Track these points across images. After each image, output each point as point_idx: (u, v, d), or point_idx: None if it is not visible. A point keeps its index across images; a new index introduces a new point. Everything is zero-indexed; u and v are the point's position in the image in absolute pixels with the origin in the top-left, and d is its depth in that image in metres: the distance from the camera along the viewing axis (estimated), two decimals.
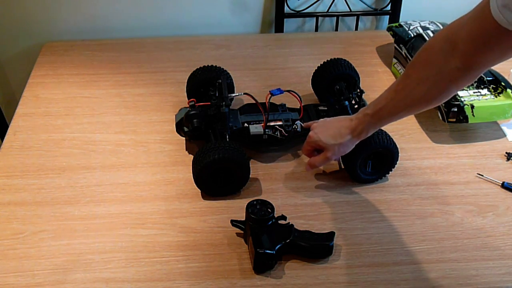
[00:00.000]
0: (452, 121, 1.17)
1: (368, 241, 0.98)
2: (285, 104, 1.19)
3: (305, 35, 1.66)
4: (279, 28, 1.65)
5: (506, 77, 1.24)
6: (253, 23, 1.66)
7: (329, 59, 1.26)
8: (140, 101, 1.32)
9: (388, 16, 1.68)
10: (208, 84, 1.21)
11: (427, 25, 1.40)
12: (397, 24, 1.45)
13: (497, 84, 1.22)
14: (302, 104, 1.16)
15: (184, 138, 1.19)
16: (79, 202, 1.05)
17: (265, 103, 1.11)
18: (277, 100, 1.18)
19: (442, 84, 0.84)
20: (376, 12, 1.67)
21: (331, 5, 1.64)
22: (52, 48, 1.52)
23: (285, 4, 1.60)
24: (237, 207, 1.04)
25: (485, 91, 1.21)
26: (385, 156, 1.08)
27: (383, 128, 1.09)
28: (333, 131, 1.01)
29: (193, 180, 1.05)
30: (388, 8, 1.66)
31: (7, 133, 1.21)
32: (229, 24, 1.64)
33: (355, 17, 1.67)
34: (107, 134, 1.21)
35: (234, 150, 1.02)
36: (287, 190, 1.09)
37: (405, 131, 1.24)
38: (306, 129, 1.15)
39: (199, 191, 1.07)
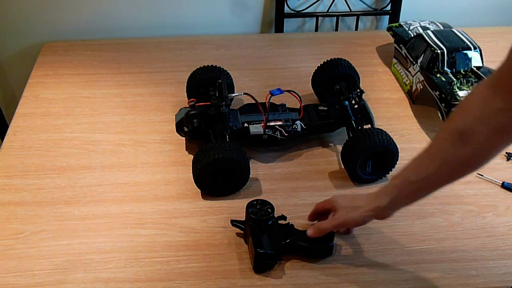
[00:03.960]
0: None
1: (368, 241, 0.98)
2: (285, 104, 1.19)
3: (305, 35, 1.66)
4: (279, 28, 1.65)
5: None
6: (253, 23, 1.66)
7: (329, 59, 1.26)
8: (140, 101, 1.32)
9: (388, 16, 1.68)
10: (208, 84, 1.21)
11: (427, 25, 1.40)
12: (397, 24, 1.45)
13: None
14: (302, 104, 1.16)
15: (184, 138, 1.19)
16: (79, 202, 1.05)
17: (265, 103, 1.11)
18: (277, 100, 1.18)
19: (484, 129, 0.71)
20: (376, 12, 1.67)
21: (331, 5, 1.64)
22: (52, 48, 1.52)
23: (285, 4, 1.60)
24: (237, 207, 1.04)
25: None
26: (385, 156, 1.08)
27: (383, 128, 1.09)
28: (352, 196, 0.94)
29: (193, 180, 1.05)
30: (388, 8, 1.66)
31: (7, 133, 1.21)
32: (229, 24, 1.64)
33: (355, 17, 1.67)
34: (107, 134, 1.21)
35: (234, 150, 1.02)
36: (287, 190, 1.09)
37: (405, 131, 1.24)
38: (306, 129, 1.15)
39: (199, 191, 1.07)
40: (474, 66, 1.26)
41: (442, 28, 1.38)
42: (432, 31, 1.33)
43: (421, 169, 0.80)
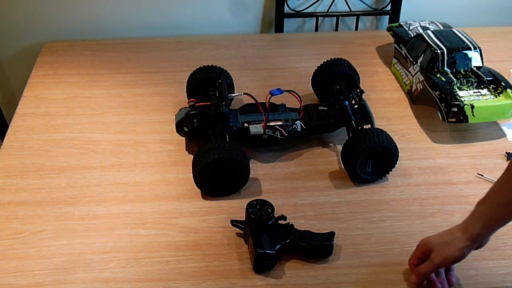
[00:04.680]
0: (452, 121, 1.17)
1: (368, 241, 0.98)
2: (285, 104, 1.19)
3: (305, 35, 1.66)
4: (279, 28, 1.65)
5: (506, 77, 1.24)
6: (253, 23, 1.66)
7: (329, 59, 1.26)
8: (140, 101, 1.32)
9: (388, 16, 1.68)
10: (208, 84, 1.21)
11: (427, 25, 1.40)
12: (397, 24, 1.45)
13: (497, 84, 1.22)
14: (302, 104, 1.16)
15: (184, 138, 1.19)
16: (79, 202, 1.05)
17: (265, 103, 1.11)
18: (277, 100, 1.18)
19: None
20: (376, 12, 1.67)
21: (331, 5, 1.64)
22: (52, 48, 1.52)
23: (285, 4, 1.60)
24: (237, 207, 1.04)
25: (485, 91, 1.21)
26: (385, 156, 1.08)
27: (383, 128, 1.10)
28: (444, 232, 0.87)
29: (193, 180, 1.05)
30: (388, 8, 1.66)
31: (7, 133, 1.21)
32: (229, 24, 1.64)
33: (355, 17, 1.67)
34: (107, 134, 1.22)
35: (234, 150, 1.02)
36: (287, 190, 1.09)
37: (405, 131, 1.24)
38: (306, 129, 1.15)
39: (199, 191, 1.07)
40: (474, 66, 1.26)
41: (442, 28, 1.38)
42: (432, 31, 1.33)
43: (509, 190, 0.78)
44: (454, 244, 0.83)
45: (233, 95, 1.16)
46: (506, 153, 1.18)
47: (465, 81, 1.22)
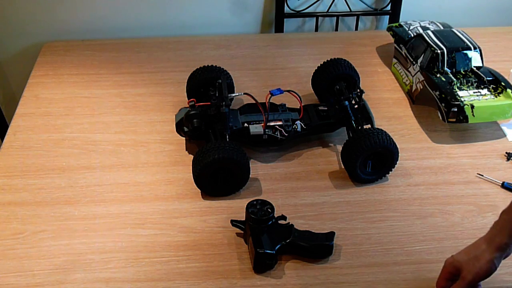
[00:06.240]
0: (452, 121, 1.17)
1: (368, 241, 0.98)
2: (285, 104, 1.19)
3: (305, 35, 1.66)
4: (279, 28, 1.65)
5: (506, 77, 1.24)
6: (253, 23, 1.66)
7: (329, 59, 1.26)
8: (140, 101, 1.32)
9: (388, 16, 1.68)
10: (208, 84, 1.21)
11: (427, 25, 1.40)
12: (397, 24, 1.45)
13: (497, 84, 1.22)
14: (302, 104, 1.16)
15: (184, 138, 1.19)
16: (79, 202, 1.05)
17: (265, 103, 1.11)
18: (277, 100, 1.18)
19: None
20: (376, 12, 1.67)
21: (331, 5, 1.64)
22: (52, 48, 1.52)
23: (285, 4, 1.60)
24: (237, 207, 1.04)
25: (485, 91, 1.21)
26: (385, 156, 1.08)
27: (383, 128, 1.10)
28: (468, 247, 0.84)
29: (193, 180, 1.05)
30: (388, 8, 1.66)
31: (7, 133, 1.21)
32: (229, 24, 1.64)
33: (355, 17, 1.67)
34: (107, 134, 1.22)
35: (234, 150, 1.02)
36: (287, 190, 1.09)
37: (405, 131, 1.24)
38: (306, 129, 1.15)
39: (199, 191, 1.07)
40: (474, 66, 1.26)
41: (442, 28, 1.38)
42: (432, 31, 1.33)
43: None
44: (483, 257, 0.80)
45: (233, 95, 1.16)
46: (506, 153, 1.18)
47: (465, 81, 1.22)
